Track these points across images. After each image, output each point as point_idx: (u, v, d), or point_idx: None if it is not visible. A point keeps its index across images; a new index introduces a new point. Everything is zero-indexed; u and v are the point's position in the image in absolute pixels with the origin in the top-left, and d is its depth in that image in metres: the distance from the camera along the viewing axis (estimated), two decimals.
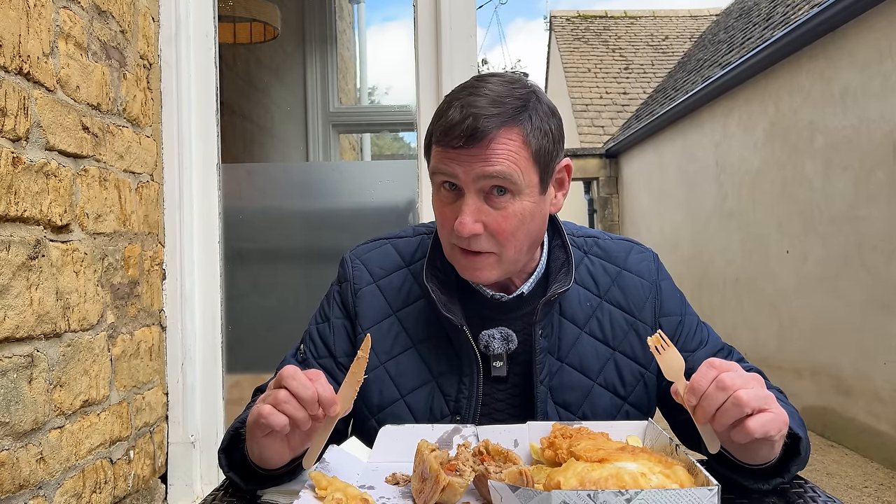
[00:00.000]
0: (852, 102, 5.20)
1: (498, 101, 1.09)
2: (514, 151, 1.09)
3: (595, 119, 13.18)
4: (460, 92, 1.14)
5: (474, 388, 1.19)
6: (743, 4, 10.96)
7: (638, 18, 16.00)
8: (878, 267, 4.90)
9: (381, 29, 25.50)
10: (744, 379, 0.92)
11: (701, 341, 1.27)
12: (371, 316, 1.25)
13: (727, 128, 7.54)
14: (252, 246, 2.65)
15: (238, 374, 2.55)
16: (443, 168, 1.12)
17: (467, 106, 1.09)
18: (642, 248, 1.32)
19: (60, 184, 1.74)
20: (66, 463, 1.74)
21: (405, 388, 1.22)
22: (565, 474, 0.86)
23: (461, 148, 1.08)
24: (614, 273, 1.27)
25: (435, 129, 1.14)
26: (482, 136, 1.07)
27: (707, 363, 0.94)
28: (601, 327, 1.23)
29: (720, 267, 7.77)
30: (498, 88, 1.11)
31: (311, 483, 0.95)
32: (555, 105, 1.19)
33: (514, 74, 1.18)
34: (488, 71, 1.18)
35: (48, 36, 1.70)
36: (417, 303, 1.25)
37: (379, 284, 1.27)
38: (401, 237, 1.33)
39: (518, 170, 1.09)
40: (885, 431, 4.84)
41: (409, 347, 1.23)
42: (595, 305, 1.24)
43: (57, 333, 1.71)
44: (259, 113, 4.84)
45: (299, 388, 0.93)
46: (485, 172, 1.08)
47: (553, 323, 1.22)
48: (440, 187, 1.15)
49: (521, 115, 1.10)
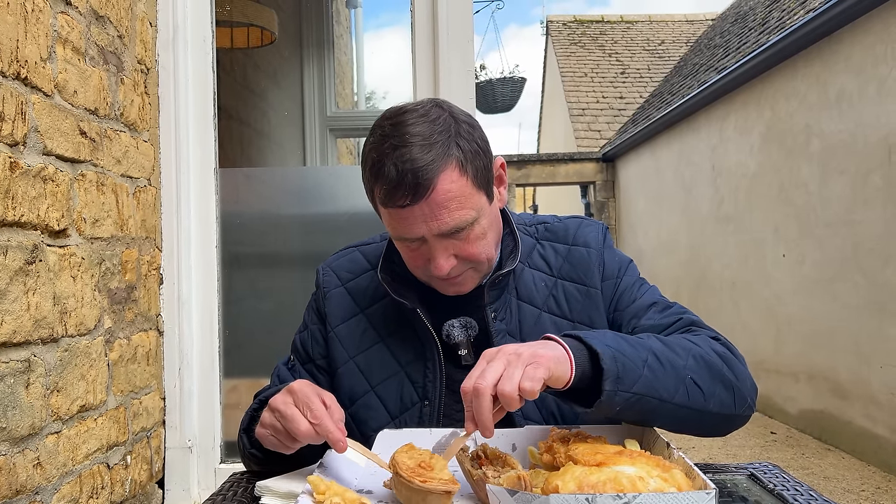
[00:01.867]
0: (848, 106, 5.22)
1: (424, 145, 1.10)
2: (459, 192, 1.12)
3: (592, 123, 13.20)
4: (383, 143, 1.13)
5: (437, 370, 1.25)
6: (739, 9, 11.00)
7: (634, 23, 16.05)
8: (875, 270, 4.91)
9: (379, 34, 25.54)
10: (492, 360, 0.96)
11: (634, 298, 1.29)
12: (339, 315, 1.34)
13: (723, 132, 7.56)
14: (249, 250, 2.65)
15: (235, 379, 2.55)
16: (403, 234, 1.16)
17: (400, 160, 1.09)
18: (590, 222, 1.37)
19: (58, 188, 1.74)
20: (63, 468, 1.74)
21: (375, 380, 1.28)
22: (563, 478, 0.87)
23: (409, 206, 1.11)
24: (564, 251, 1.32)
25: (376, 190, 1.14)
26: (426, 190, 1.09)
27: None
28: (558, 304, 1.29)
29: (717, 271, 7.78)
30: (420, 129, 1.12)
31: (310, 488, 0.95)
32: (466, 112, 1.21)
33: (420, 103, 1.18)
34: (400, 105, 1.19)
35: (46, 41, 1.70)
36: (384, 300, 1.32)
37: (347, 287, 1.36)
38: (368, 244, 1.43)
39: (469, 208, 1.13)
40: (882, 435, 4.84)
41: (377, 342, 1.31)
42: (550, 285, 1.30)
43: (54, 338, 1.71)
44: (256, 117, 4.84)
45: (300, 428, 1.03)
46: (442, 230, 1.13)
47: (511, 307, 1.27)
48: (401, 241, 1.19)
49: (450, 150, 1.12)
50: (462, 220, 1.13)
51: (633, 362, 1.03)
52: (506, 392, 0.93)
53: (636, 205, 10.87)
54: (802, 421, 5.95)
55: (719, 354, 1.15)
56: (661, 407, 1.05)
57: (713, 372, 1.12)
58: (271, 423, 1.07)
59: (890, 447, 4.75)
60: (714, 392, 1.11)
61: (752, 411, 1.18)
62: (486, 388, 0.93)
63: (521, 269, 1.30)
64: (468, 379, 0.96)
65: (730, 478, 1.16)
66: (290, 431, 1.03)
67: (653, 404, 1.04)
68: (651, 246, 10.08)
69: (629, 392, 1.01)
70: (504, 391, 0.93)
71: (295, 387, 1.07)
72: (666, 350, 1.09)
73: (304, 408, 1.03)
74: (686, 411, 1.08)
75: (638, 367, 1.03)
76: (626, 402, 1.02)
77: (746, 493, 1.09)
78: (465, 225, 1.14)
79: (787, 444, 5.58)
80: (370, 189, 1.17)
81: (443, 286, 1.23)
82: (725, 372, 1.13)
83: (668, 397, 1.05)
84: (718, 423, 1.15)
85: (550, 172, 11.80)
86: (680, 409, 1.07)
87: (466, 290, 1.23)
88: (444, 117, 1.14)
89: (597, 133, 12.93)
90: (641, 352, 1.06)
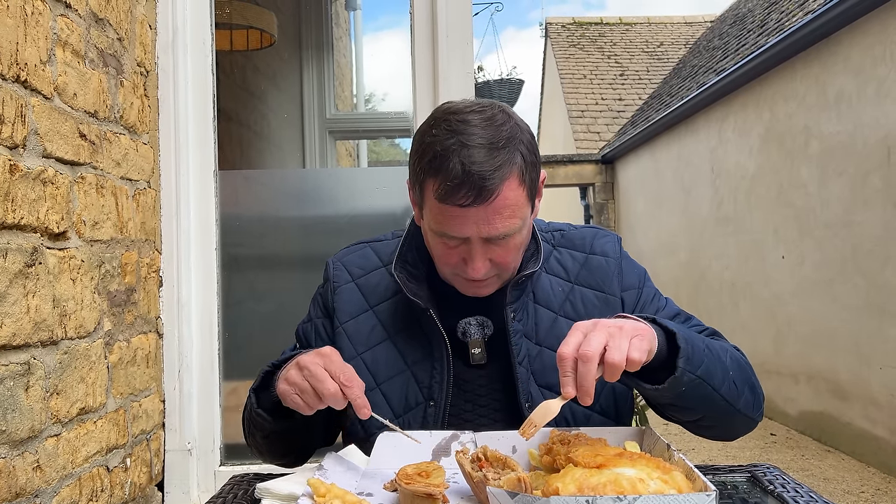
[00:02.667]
0: (847, 108, 5.22)
1: (492, 148, 1.10)
2: (516, 202, 1.13)
3: (591, 125, 13.21)
4: (449, 138, 1.11)
5: (445, 372, 1.25)
6: (737, 11, 11.02)
7: (633, 25, 16.06)
8: (874, 272, 4.92)
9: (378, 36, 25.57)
10: (591, 331, 0.97)
11: (657, 308, 1.33)
12: (348, 311, 1.33)
13: (722, 133, 7.57)
14: (249, 253, 2.65)
15: (235, 381, 2.54)
16: (450, 231, 1.14)
17: (468, 160, 1.08)
18: (606, 233, 1.40)
19: (58, 191, 1.74)
20: (62, 471, 1.74)
21: (381, 378, 1.28)
22: (563, 480, 0.87)
23: (468, 206, 1.10)
24: (582, 259, 1.34)
25: (432, 183, 1.13)
26: (490, 194, 1.09)
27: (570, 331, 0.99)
28: (575, 309, 1.30)
29: (716, 272, 7.78)
30: (486, 132, 1.11)
31: (310, 490, 0.95)
32: (524, 121, 1.21)
33: (484, 105, 1.17)
34: (463, 102, 1.18)
35: (46, 44, 1.70)
36: (394, 298, 1.32)
37: (357, 282, 1.36)
38: (380, 240, 1.42)
39: (518, 217, 1.14)
40: (882, 436, 4.84)
41: (385, 339, 1.30)
42: (567, 290, 1.31)
43: (54, 341, 1.71)
44: (256, 120, 4.84)
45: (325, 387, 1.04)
46: (491, 234, 1.13)
47: (528, 310, 1.28)
48: (442, 237, 1.18)
49: (514, 158, 1.12)
50: (511, 227, 1.14)
51: (698, 347, 1.08)
52: (616, 360, 0.93)
53: (635, 206, 10.88)
54: (802, 422, 5.95)
55: (746, 361, 1.23)
56: (712, 395, 1.10)
57: (743, 374, 1.19)
58: (298, 380, 1.07)
59: (889, 448, 4.74)
60: (744, 392, 1.17)
61: (762, 418, 1.25)
62: (594, 354, 0.93)
63: (539, 275, 1.31)
64: (565, 345, 0.96)
65: (730, 479, 1.16)
66: (317, 390, 1.04)
67: (707, 391, 1.09)
68: (651, 247, 10.09)
69: (694, 374, 1.05)
70: (613, 359, 0.93)
71: (326, 350, 1.10)
72: (714, 344, 1.16)
73: (337, 370, 1.05)
74: (726, 405, 1.13)
75: (700, 352, 1.08)
76: (690, 383, 1.05)
77: (746, 494, 1.09)
78: (512, 232, 1.15)
79: (787, 445, 5.58)
80: (422, 180, 1.15)
81: (466, 286, 1.23)
82: (751, 375, 1.21)
83: (718, 387, 1.10)
84: (741, 424, 1.22)
85: (550, 174, 11.79)
86: (723, 402, 1.12)
87: (486, 293, 1.24)
88: (510, 124, 1.15)
89: (596, 135, 12.94)
90: (699, 342, 1.10)
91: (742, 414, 1.17)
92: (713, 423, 1.19)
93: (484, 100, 1.21)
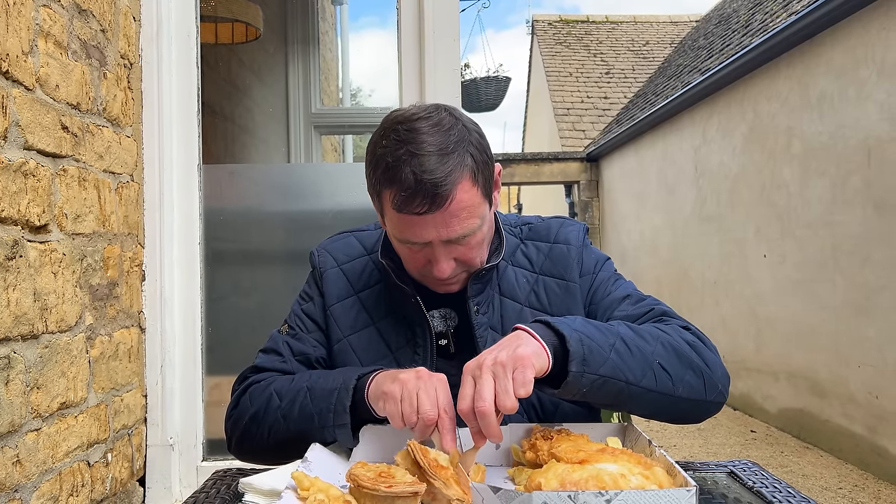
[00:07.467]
0: (829, 109, 5.28)
1: (442, 154, 1.12)
2: (471, 202, 1.15)
3: (576, 123, 13.25)
4: (398, 149, 1.13)
5: (427, 359, 1.28)
6: (722, 11, 11.09)
7: (619, 24, 16.12)
8: (853, 271, 4.98)
9: (364, 31, 25.48)
10: (479, 377, 0.98)
11: (608, 293, 1.34)
12: (335, 294, 1.36)
13: (706, 133, 7.62)
14: (233, 247, 2.64)
15: (218, 377, 2.53)
16: (410, 238, 1.17)
17: (419, 169, 1.10)
18: (572, 222, 1.42)
19: (39, 184, 1.72)
20: (42, 466, 1.73)
21: (365, 362, 1.31)
22: (546, 475, 0.87)
23: (424, 214, 1.12)
24: (546, 249, 1.37)
25: (388, 194, 1.14)
26: (444, 200, 1.11)
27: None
28: (539, 299, 1.33)
29: (699, 270, 7.84)
30: (434, 139, 1.13)
31: (294, 484, 0.95)
32: (472, 119, 1.22)
33: (430, 111, 1.18)
34: (410, 109, 1.19)
35: (28, 34, 1.68)
36: (377, 285, 1.35)
37: (342, 268, 1.39)
38: (363, 230, 1.46)
39: (476, 216, 1.17)
40: (860, 433, 4.91)
41: (369, 325, 1.34)
42: (532, 281, 1.35)
43: (34, 335, 1.69)
44: (240, 114, 4.81)
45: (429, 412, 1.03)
46: (452, 237, 1.16)
47: (493, 303, 1.31)
48: (405, 243, 1.20)
49: (465, 160, 1.14)
50: (469, 227, 1.16)
51: (600, 346, 1.06)
52: (507, 406, 0.96)
53: (620, 204, 10.93)
54: (782, 419, 6.02)
55: (688, 342, 1.18)
56: (628, 390, 1.08)
57: (682, 358, 1.15)
58: (399, 395, 1.06)
59: (867, 445, 4.81)
60: (683, 378, 1.13)
61: (724, 399, 1.20)
62: (489, 408, 0.96)
63: (505, 268, 1.34)
64: (462, 400, 0.99)
65: (710, 475, 1.17)
66: (420, 410, 1.03)
67: (619, 387, 1.07)
68: (634, 245, 10.15)
69: (595, 374, 1.04)
70: (505, 406, 0.96)
71: (425, 373, 1.08)
72: (634, 336, 1.13)
73: (438, 394, 1.04)
74: (654, 395, 1.11)
75: (605, 351, 1.06)
76: (592, 385, 1.04)
77: (726, 490, 1.10)
78: (471, 232, 1.17)
79: (767, 442, 5.64)
80: (379, 191, 1.18)
81: (436, 285, 1.26)
82: (694, 359, 1.16)
83: (635, 381, 1.08)
84: (689, 409, 1.18)
85: (535, 172, 11.83)
86: (648, 394, 1.10)
87: (457, 289, 1.28)
88: (458, 127, 1.16)
89: (581, 133, 12.98)
90: (609, 336, 1.09)
91: (685, 399, 1.13)
92: (650, 413, 1.16)
93: (430, 104, 1.22)
